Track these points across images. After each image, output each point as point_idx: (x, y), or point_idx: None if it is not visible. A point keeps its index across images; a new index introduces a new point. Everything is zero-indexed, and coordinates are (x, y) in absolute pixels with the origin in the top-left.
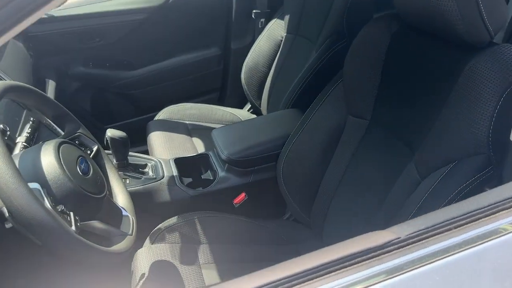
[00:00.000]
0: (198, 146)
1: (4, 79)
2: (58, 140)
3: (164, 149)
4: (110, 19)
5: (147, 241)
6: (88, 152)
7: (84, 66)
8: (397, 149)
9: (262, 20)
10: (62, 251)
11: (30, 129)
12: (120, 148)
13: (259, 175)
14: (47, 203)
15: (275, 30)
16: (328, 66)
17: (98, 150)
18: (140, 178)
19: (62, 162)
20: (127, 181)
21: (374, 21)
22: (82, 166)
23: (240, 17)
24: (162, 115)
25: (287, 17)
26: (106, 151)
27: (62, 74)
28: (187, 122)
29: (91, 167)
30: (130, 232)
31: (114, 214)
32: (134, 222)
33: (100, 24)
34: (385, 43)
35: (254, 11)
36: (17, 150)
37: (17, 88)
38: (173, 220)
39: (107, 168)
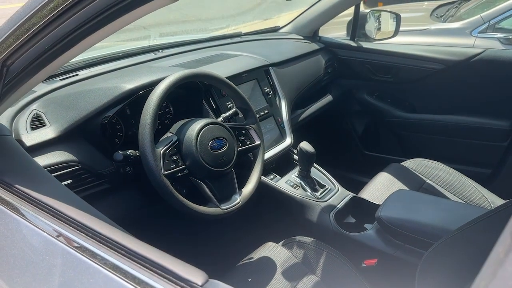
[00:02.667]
0: None
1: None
2: (216, 121)
3: (373, 189)
4: (409, 61)
5: (282, 242)
6: (248, 142)
7: (369, 94)
8: None
9: None
10: (154, 185)
11: (232, 111)
12: (304, 160)
13: (405, 254)
14: (163, 149)
15: None
16: None
17: (258, 145)
18: (307, 192)
19: (200, 134)
20: (296, 189)
21: None
22: (215, 144)
23: None
24: (410, 162)
25: None
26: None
27: (348, 95)
28: (427, 180)
29: (224, 148)
30: (225, 208)
31: (227, 190)
32: (236, 206)
33: (398, 64)
34: None
35: None
36: (217, 119)
37: (216, 79)
38: (308, 239)
39: (256, 162)
